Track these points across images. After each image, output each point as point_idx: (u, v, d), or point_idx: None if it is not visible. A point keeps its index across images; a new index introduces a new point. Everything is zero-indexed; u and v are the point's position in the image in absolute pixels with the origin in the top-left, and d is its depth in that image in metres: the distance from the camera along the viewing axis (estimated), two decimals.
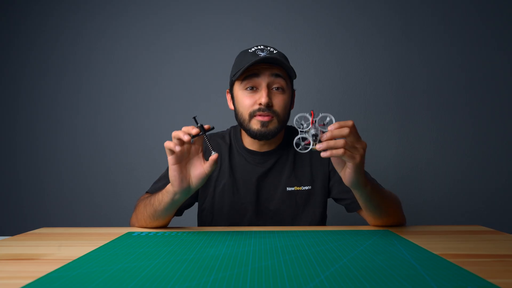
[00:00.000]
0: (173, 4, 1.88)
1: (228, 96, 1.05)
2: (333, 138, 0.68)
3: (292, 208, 1.01)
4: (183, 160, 0.77)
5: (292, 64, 1.06)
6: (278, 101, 0.95)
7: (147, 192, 1.03)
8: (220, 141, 1.07)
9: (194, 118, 0.77)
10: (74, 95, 1.90)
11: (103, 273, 0.53)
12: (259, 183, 1.02)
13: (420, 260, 0.59)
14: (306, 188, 1.02)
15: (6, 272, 0.56)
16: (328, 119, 0.72)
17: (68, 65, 1.90)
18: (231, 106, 1.03)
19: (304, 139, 0.72)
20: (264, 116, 0.93)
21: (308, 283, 0.48)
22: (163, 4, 1.88)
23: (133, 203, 1.01)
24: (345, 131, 0.68)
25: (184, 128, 0.74)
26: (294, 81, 1.04)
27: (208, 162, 0.76)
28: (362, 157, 0.71)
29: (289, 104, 1.00)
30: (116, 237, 0.79)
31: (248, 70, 0.93)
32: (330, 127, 0.69)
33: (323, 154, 0.68)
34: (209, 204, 1.03)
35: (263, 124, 0.94)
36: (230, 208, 1.01)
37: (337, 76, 1.85)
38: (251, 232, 0.84)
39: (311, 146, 0.71)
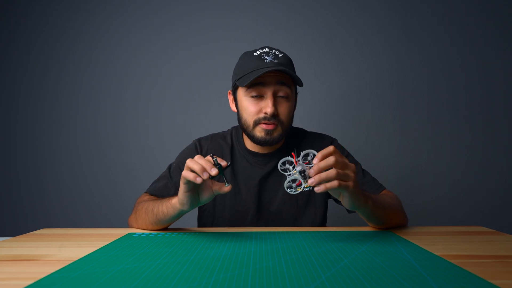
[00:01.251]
0: (173, 4, 1.88)
1: (230, 98, 1.04)
2: (321, 170, 0.66)
3: (293, 210, 1.01)
4: (194, 188, 0.75)
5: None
6: (283, 110, 0.94)
7: (146, 192, 1.03)
8: (222, 142, 1.06)
9: (212, 156, 0.73)
10: (74, 95, 1.90)
11: (104, 274, 0.53)
12: (261, 184, 1.01)
13: (421, 261, 0.59)
14: (307, 189, 1.01)
15: (7, 273, 0.56)
16: (311, 154, 0.71)
17: (68, 65, 1.90)
18: (234, 109, 1.03)
19: (294, 180, 0.70)
20: (268, 124, 0.93)
21: (309, 284, 0.49)
22: (163, 4, 1.88)
23: (134, 203, 1.00)
24: (331, 160, 0.66)
25: (201, 162, 0.71)
26: None
27: (219, 187, 0.75)
28: (355, 182, 0.69)
29: (293, 111, 0.99)
30: (117, 238, 0.79)
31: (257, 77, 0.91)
32: (314, 161, 0.67)
33: (317, 189, 0.66)
34: (210, 206, 1.03)
35: (267, 132, 0.94)
36: (232, 209, 1.01)
37: (337, 76, 1.85)
38: (252, 233, 0.84)
39: (303, 185, 0.69)
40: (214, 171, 0.69)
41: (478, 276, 0.51)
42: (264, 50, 0.96)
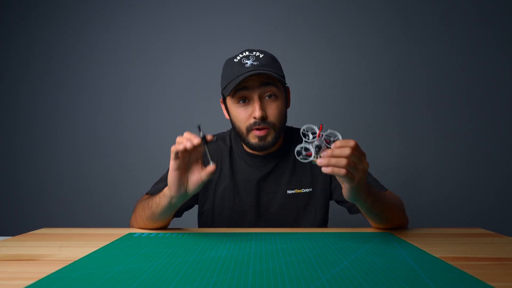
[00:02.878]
0: (173, 4, 1.88)
1: (223, 106, 1.04)
2: (334, 156, 0.66)
3: (293, 211, 1.01)
4: (183, 166, 0.75)
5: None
6: (273, 110, 0.93)
7: (147, 194, 1.03)
8: (221, 143, 1.06)
9: (199, 126, 0.75)
10: (74, 95, 1.90)
11: (104, 275, 0.53)
12: (259, 186, 1.01)
13: (420, 263, 0.59)
14: (307, 190, 1.01)
15: (7, 273, 0.55)
16: (337, 137, 0.70)
17: (68, 65, 1.90)
18: (227, 116, 1.02)
19: (306, 149, 0.69)
20: (260, 130, 0.93)
21: (309, 285, 0.49)
22: (163, 4, 1.88)
23: (134, 203, 1.01)
24: (347, 151, 0.66)
25: (186, 135, 0.72)
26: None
27: (204, 170, 0.75)
28: (361, 179, 0.69)
29: (285, 109, 0.98)
30: (117, 238, 0.79)
31: (237, 84, 0.90)
32: (333, 145, 0.67)
33: (324, 170, 0.66)
34: (209, 207, 1.03)
35: (260, 138, 0.94)
36: (231, 211, 1.01)
37: (337, 76, 1.85)
38: (252, 234, 0.84)
39: (311, 158, 0.69)
40: (196, 140, 0.71)
41: (477, 278, 0.51)
42: (244, 54, 0.95)
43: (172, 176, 0.76)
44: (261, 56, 0.94)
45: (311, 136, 0.70)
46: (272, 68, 0.93)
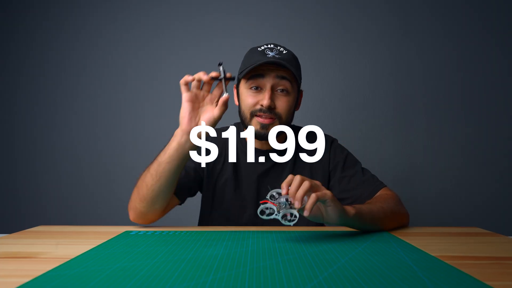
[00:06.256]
0: (173, 3, 1.88)
1: (235, 91, 1.06)
2: (295, 193, 0.68)
3: None
4: (196, 101, 0.82)
5: None
6: (281, 104, 0.95)
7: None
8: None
9: (220, 63, 0.80)
10: (73, 93, 1.89)
11: (100, 272, 0.53)
12: (260, 181, 1.02)
13: (418, 262, 0.59)
14: (301, 212, 1.01)
15: (3, 271, 0.55)
16: (275, 193, 0.73)
17: (66, 64, 1.89)
18: (236, 102, 1.04)
19: (285, 216, 0.71)
20: (265, 118, 0.94)
21: (306, 284, 0.49)
22: (163, 5, 1.88)
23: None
24: (297, 179, 0.69)
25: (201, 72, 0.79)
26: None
27: (218, 105, 0.80)
28: (329, 192, 0.72)
29: (294, 106, 1.00)
30: (114, 236, 0.79)
31: (254, 70, 0.93)
32: (283, 192, 0.70)
33: (306, 214, 0.68)
34: (209, 198, 1.04)
35: (262, 126, 0.95)
36: (230, 204, 1.02)
37: (336, 76, 1.85)
38: (249, 232, 0.84)
39: (297, 213, 0.70)
40: (214, 73, 0.76)
41: (474, 277, 0.51)
42: (268, 46, 0.98)
43: (183, 108, 0.81)
44: (284, 52, 0.96)
45: (274, 209, 0.71)
46: (292, 66, 0.94)
